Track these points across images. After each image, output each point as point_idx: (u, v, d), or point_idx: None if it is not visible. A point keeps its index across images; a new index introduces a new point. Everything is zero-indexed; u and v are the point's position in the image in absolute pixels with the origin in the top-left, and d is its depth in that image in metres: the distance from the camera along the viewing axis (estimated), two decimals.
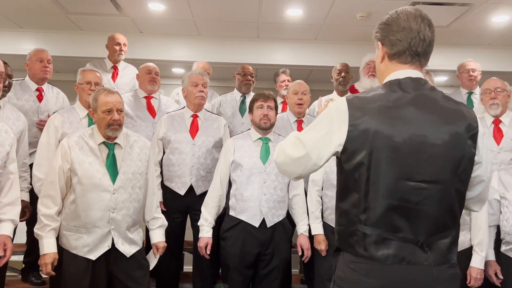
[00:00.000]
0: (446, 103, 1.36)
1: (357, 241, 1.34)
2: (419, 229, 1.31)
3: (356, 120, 1.31)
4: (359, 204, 1.33)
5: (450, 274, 1.36)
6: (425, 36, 1.36)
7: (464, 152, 1.33)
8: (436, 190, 1.31)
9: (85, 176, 2.23)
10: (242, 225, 2.64)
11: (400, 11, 1.39)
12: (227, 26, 4.84)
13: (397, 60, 1.39)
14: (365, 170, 1.31)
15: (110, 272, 2.30)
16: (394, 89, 1.36)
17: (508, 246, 2.56)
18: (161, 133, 3.07)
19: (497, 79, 3.05)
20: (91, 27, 4.94)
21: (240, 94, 3.86)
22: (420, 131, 1.30)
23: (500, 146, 2.96)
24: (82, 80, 2.88)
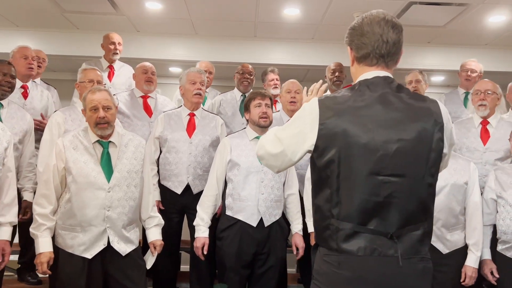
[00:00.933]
0: (412, 101, 1.42)
1: (330, 235, 1.40)
2: (389, 222, 1.36)
3: (326, 120, 1.38)
4: (331, 199, 1.39)
5: (421, 268, 1.40)
6: (388, 39, 1.41)
7: (433, 147, 1.39)
8: (406, 184, 1.36)
9: (80, 174, 2.23)
10: (239, 224, 2.63)
11: (364, 16, 1.46)
12: (224, 25, 4.84)
13: (364, 63, 1.46)
14: (335, 166, 1.37)
15: (106, 271, 2.29)
16: (362, 89, 1.43)
17: (505, 246, 2.57)
18: (157, 132, 3.06)
19: (488, 81, 3.09)
20: (87, 26, 4.93)
21: (240, 94, 3.86)
22: (388, 128, 1.37)
23: (486, 146, 3.00)
24: (84, 78, 2.88)
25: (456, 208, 2.53)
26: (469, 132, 3.07)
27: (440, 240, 2.53)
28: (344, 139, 1.36)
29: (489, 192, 2.67)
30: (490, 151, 2.97)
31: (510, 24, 4.49)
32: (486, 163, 2.95)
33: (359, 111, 1.38)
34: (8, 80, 2.79)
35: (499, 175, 2.67)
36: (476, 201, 2.57)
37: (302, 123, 1.42)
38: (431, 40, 4.96)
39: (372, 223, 1.36)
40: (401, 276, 1.36)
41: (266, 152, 1.50)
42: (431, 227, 1.44)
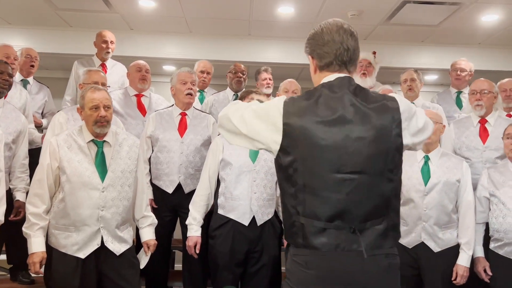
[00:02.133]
0: (371, 100, 1.48)
1: (296, 232, 1.45)
2: (351, 217, 1.41)
3: (289, 120, 1.44)
4: (296, 197, 1.44)
5: (386, 264, 1.44)
6: (348, 46, 1.48)
7: (391, 143, 1.45)
8: (366, 180, 1.42)
9: (74, 174, 2.22)
10: (231, 223, 2.63)
11: (323, 25, 1.51)
12: (218, 24, 4.83)
13: (327, 70, 1.52)
14: (299, 165, 1.42)
15: (100, 270, 2.28)
16: (324, 91, 1.48)
17: (497, 243, 2.59)
18: (149, 131, 3.05)
19: (484, 81, 3.11)
20: (80, 24, 4.90)
21: (233, 93, 3.85)
22: (347, 127, 1.42)
23: (485, 145, 3.02)
24: (89, 80, 2.85)
25: (449, 206, 2.55)
26: (468, 131, 3.09)
27: (432, 238, 2.54)
28: (306, 139, 1.41)
29: (482, 190, 2.69)
30: (489, 149, 2.99)
31: (502, 23, 4.52)
32: (486, 161, 2.96)
33: (320, 112, 1.43)
34: (5, 78, 2.79)
35: (492, 173, 2.69)
36: (469, 199, 2.58)
37: (266, 122, 1.47)
38: (425, 39, 4.98)
39: (335, 219, 1.41)
40: (367, 273, 1.40)
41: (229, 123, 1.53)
42: (395, 222, 1.48)
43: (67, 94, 3.92)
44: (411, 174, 2.61)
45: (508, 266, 2.52)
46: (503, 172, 2.67)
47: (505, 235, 2.54)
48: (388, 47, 4.84)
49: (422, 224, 2.54)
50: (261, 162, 2.67)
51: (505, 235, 2.54)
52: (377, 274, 1.41)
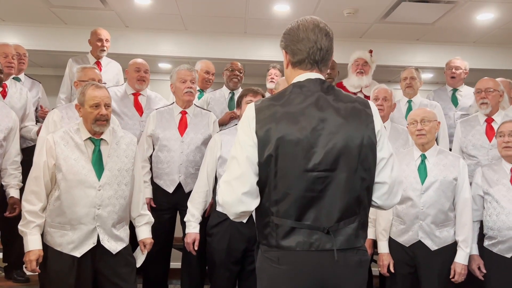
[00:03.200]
0: (343, 100, 1.50)
1: (270, 232, 1.46)
2: (325, 216, 1.43)
3: (262, 121, 1.46)
4: (270, 197, 1.45)
5: (357, 260, 1.47)
6: (322, 46, 1.50)
7: (363, 142, 1.46)
8: (338, 178, 1.43)
9: (70, 172, 2.20)
10: (229, 221, 2.63)
11: (300, 22, 1.52)
12: (214, 22, 4.82)
13: (298, 67, 1.54)
14: (273, 165, 1.43)
15: (96, 269, 2.27)
16: (295, 90, 1.50)
17: (491, 241, 2.61)
18: (149, 130, 3.04)
19: (489, 79, 3.12)
20: (75, 21, 4.87)
21: (229, 91, 3.84)
22: (319, 126, 1.44)
23: (491, 143, 3.03)
24: (85, 77, 2.84)
25: (446, 204, 2.55)
26: (474, 130, 3.10)
27: (428, 237, 2.55)
28: (279, 139, 1.42)
29: (476, 188, 2.70)
30: (495, 147, 2.93)
31: (497, 22, 4.53)
32: (492, 159, 2.96)
33: (293, 112, 1.45)
34: None
35: (486, 171, 2.70)
36: (466, 197, 2.59)
37: (246, 128, 1.48)
38: (420, 37, 4.99)
39: (309, 218, 1.42)
40: (338, 269, 1.43)
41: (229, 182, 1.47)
42: (365, 219, 1.51)
43: (61, 92, 3.89)
44: (408, 172, 2.62)
45: (502, 263, 2.54)
46: (497, 170, 2.68)
47: (498, 233, 2.56)
48: (383, 45, 4.84)
49: (419, 223, 2.55)
50: None
51: (498, 233, 2.56)
52: (347, 270, 1.44)
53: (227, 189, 1.47)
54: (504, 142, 2.63)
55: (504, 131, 2.65)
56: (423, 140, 2.62)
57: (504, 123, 2.70)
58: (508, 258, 2.54)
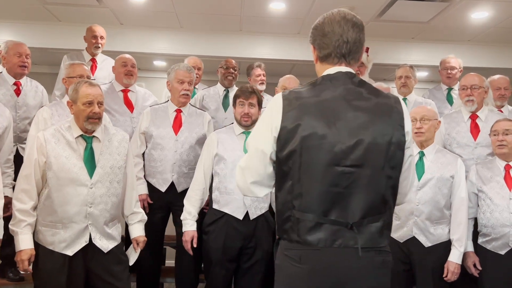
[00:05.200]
0: (373, 95, 1.47)
1: (291, 227, 1.42)
2: (349, 212, 1.39)
3: (289, 112, 1.42)
4: (293, 191, 1.41)
5: (379, 261, 1.43)
6: (348, 38, 1.46)
7: (392, 139, 1.42)
8: (365, 175, 1.39)
9: (62, 170, 2.19)
10: (226, 218, 2.63)
11: (326, 16, 1.50)
12: (210, 19, 4.80)
13: (326, 61, 1.51)
14: (297, 157, 1.40)
15: (88, 267, 2.26)
16: (325, 83, 1.47)
17: (485, 238, 2.62)
18: (143, 127, 3.01)
19: (474, 75, 3.07)
20: (70, 18, 4.84)
21: (223, 89, 3.82)
22: (348, 121, 1.40)
23: (477, 141, 2.99)
24: (74, 73, 2.82)
25: (441, 202, 2.56)
26: (459, 127, 3.05)
27: (423, 233, 2.55)
28: (305, 131, 1.39)
29: (471, 186, 2.71)
30: (481, 146, 2.95)
31: (492, 21, 4.55)
32: (477, 158, 2.92)
33: (321, 105, 1.42)
34: None
35: (480, 169, 2.72)
36: (462, 196, 2.58)
37: (269, 117, 1.46)
38: (415, 36, 5.00)
39: (333, 213, 1.38)
40: (360, 268, 1.39)
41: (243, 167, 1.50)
42: (390, 220, 1.47)
43: (56, 89, 3.87)
44: None
45: (496, 260, 2.56)
46: (490, 168, 2.69)
47: (492, 230, 2.57)
48: (378, 43, 4.84)
49: (414, 219, 2.56)
50: None
51: (492, 230, 2.57)
52: (370, 271, 1.40)
53: (239, 175, 1.51)
54: (498, 140, 2.64)
55: (498, 130, 2.66)
56: (421, 138, 2.63)
57: (498, 122, 2.71)
58: (501, 255, 2.55)
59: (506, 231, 2.53)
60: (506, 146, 2.62)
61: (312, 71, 4.57)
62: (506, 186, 2.59)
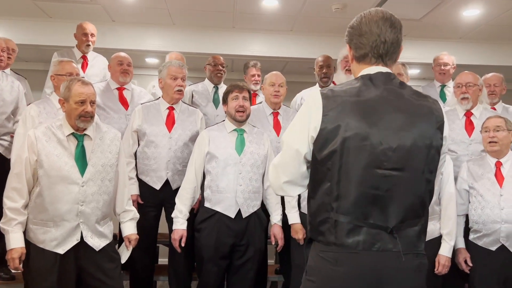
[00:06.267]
0: (414, 97, 1.44)
1: (328, 229, 1.38)
2: (389, 216, 1.36)
3: (329, 111, 1.37)
4: (331, 193, 1.37)
5: (417, 264, 1.40)
6: (386, 38, 1.42)
7: (432, 143, 1.40)
8: (406, 178, 1.36)
9: (53, 168, 2.17)
10: (218, 216, 2.63)
11: (363, 15, 1.46)
12: (202, 16, 4.78)
13: (363, 62, 1.47)
14: (337, 159, 1.36)
15: (80, 266, 2.25)
16: (366, 83, 1.43)
17: (476, 234, 2.64)
18: (135, 125, 2.99)
19: (469, 73, 3.10)
20: (60, 15, 4.79)
21: (213, 85, 3.79)
22: (390, 122, 1.37)
23: (471, 138, 3.03)
24: (62, 71, 2.79)
25: None
26: (454, 124, 3.08)
27: None
28: (347, 132, 1.35)
29: (462, 183, 2.73)
30: (475, 142, 2.98)
31: (483, 18, 4.58)
32: (472, 154, 2.96)
33: (362, 105, 1.38)
34: None
35: (471, 166, 2.74)
36: (451, 191, 2.62)
37: (306, 114, 1.41)
38: (408, 33, 5.02)
39: (372, 217, 1.35)
40: (399, 272, 1.36)
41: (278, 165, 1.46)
42: (427, 223, 1.45)
43: (46, 86, 3.82)
44: None
45: (487, 256, 2.58)
46: (482, 165, 2.71)
47: (483, 226, 2.60)
48: None
49: None
50: (247, 155, 2.68)
51: (483, 226, 2.60)
52: (407, 274, 1.38)
53: (272, 173, 1.49)
54: (489, 137, 2.66)
55: (489, 127, 2.68)
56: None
57: (489, 119, 2.73)
58: (492, 251, 2.57)
59: (497, 227, 2.55)
60: (497, 143, 2.64)
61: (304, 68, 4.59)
62: (496, 183, 2.62)
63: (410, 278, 1.38)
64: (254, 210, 2.69)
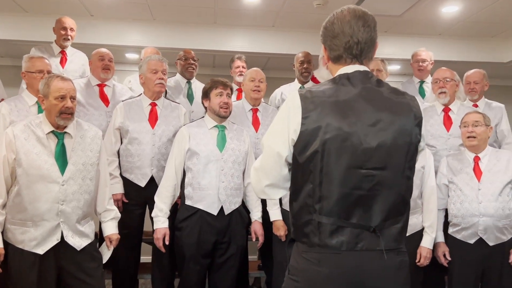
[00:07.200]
0: (392, 95, 1.44)
1: (312, 230, 1.38)
2: (372, 215, 1.37)
3: (309, 113, 1.37)
4: (314, 194, 1.37)
5: (399, 261, 1.42)
6: (359, 39, 1.41)
7: (411, 139, 1.41)
8: (387, 177, 1.37)
9: (32, 166, 2.13)
10: (199, 214, 2.61)
11: (336, 15, 1.45)
12: (183, 11, 4.72)
13: (338, 62, 1.47)
14: (319, 160, 1.35)
15: (60, 266, 2.21)
16: (343, 82, 1.42)
17: (455, 228, 2.69)
18: (117, 123, 2.94)
19: (446, 69, 3.18)
20: (37, 9, 4.67)
21: (185, 81, 3.74)
22: (369, 121, 1.37)
23: (449, 132, 3.09)
24: (33, 68, 2.75)
25: (414, 192, 2.61)
26: (432, 119, 3.15)
27: None
28: (328, 132, 1.35)
29: (442, 177, 2.78)
30: (453, 137, 3.05)
31: (462, 15, 4.64)
32: (450, 149, 3.03)
33: (342, 105, 1.37)
34: None
35: (450, 161, 2.78)
36: (432, 185, 2.68)
37: (286, 118, 1.40)
38: (388, 29, 5.06)
39: (355, 217, 1.36)
40: (382, 270, 1.37)
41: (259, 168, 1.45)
42: (408, 220, 1.46)
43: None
44: None
45: (465, 249, 2.64)
46: (461, 159, 2.76)
47: (462, 220, 2.65)
48: None
49: None
50: (228, 151, 2.66)
51: (462, 220, 2.65)
52: (391, 272, 1.39)
53: (254, 176, 1.48)
54: (468, 132, 2.71)
55: (468, 122, 2.72)
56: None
57: (468, 114, 2.77)
58: (471, 244, 2.63)
59: (475, 221, 2.60)
60: (476, 138, 2.69)
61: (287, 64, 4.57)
62: (475, 177, 2.67)
63: (392, 276, 1.39)
64: (236, 207, 2.68)
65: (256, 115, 3.24)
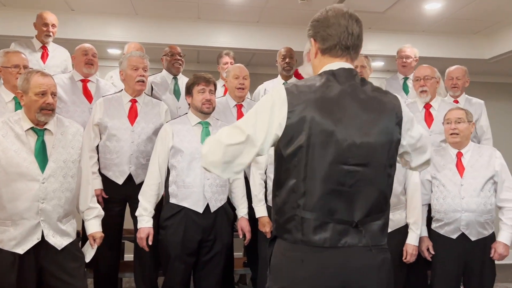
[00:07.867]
0: (376, 94, 1.47)
1: (295, 226, 1.38)
2: (354, 211, 1.38)
3: (295, 107, 1.37)
4: (298, 189, 1.37)
5: (381, 259, 1.43)
6: (353, 31, 1.45)
7: (393, 138, 1.44)
8: (369, 173, 1.39)
9: (11, 164, 2.08)
10: (184, 212, 2.59)
11: (329, 9, 1.48)
12: (166, 6, 4.66)
13: (329, 54, 1.48)
14: (303, 155, 1.36)
15: (41, 266, 2.16)
16: (329, 78, 1.44)
17: (438, 224, 2.73)
18: (96, 118, 2.90)
19: (427, 67, 3.21)
20: (16, 3, 4.55)
21: (172, 76, 3.70)
22: (354, 119, 1.39)
23: (431, 129, 3.14)
24: (8, 63, 2.70)
25: (398, 188, 2.63)
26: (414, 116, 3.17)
27: None
28: (313, 127, 1.35)
29: (425, 173, 2.80)
30: (435, 133, 3.09)
31: (445, 12, 4.68)
32: (432, 145, 3.05)
33: (327, 101, 1.39)
34: None
35: (433, 157, 2.80)
36: (416, 181, 2.69)
37: (270, 109, 1.38)
38: (372, 25, 5.08)
39: (338, 212, 1.37)
40: (363, 267, 1.38)
41: (220, 144, 1.37)
42: (388, 217, 1.48)
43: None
44: None
45: (447, 244, 2.68)
46: (443, 155, 2.79)
47: (445, 215, 2.68)
48: None
49: None
50: None
51: (445, 215, 2.68)
52: (373, 269, 1.40)
53: (215, 148, 1.37)
54: (451, 129, 2.74)
55: (451, 118, 2.75)
56: None
57: (450, 111, 2.80)
58: (453, 239, 2.67)
59: (458, 216, 2.64)
60: (458, 135, 2.72)
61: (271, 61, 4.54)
62: (457, 173, 2.70)
63: (375, 274, 1.40)
64: (221, 204, 2.66)
65: (241, 111, 3.22)
